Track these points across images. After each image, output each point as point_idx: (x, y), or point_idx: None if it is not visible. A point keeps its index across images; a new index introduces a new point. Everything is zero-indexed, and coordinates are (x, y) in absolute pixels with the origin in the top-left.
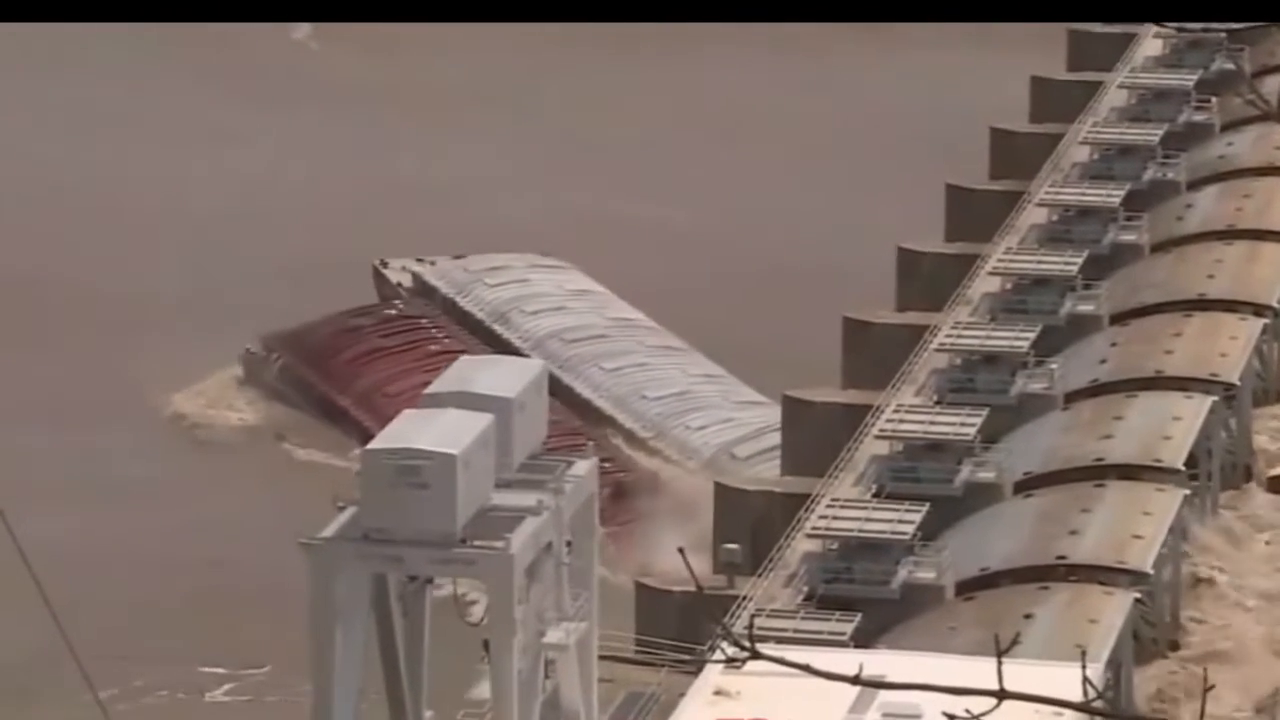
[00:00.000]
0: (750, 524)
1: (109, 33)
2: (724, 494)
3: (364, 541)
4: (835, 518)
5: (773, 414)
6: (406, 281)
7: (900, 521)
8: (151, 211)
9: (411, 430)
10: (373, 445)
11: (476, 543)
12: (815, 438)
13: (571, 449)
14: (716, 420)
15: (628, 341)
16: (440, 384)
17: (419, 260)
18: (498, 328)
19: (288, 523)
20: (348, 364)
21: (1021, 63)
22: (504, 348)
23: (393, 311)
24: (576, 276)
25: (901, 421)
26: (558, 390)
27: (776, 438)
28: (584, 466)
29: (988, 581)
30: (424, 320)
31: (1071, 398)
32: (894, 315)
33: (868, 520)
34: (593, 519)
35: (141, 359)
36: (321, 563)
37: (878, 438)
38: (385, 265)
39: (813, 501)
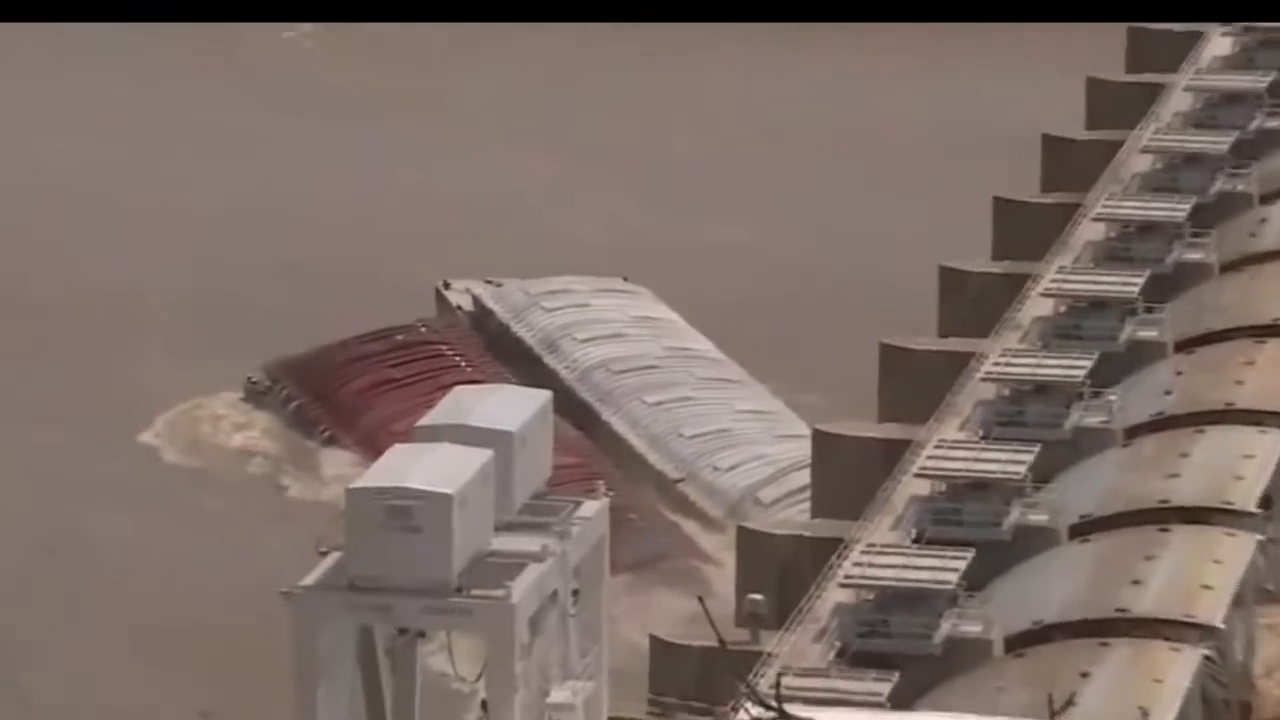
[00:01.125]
0: (777, 572)
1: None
2: (748, 539)
3: (349, 590)
4: (871, 565)
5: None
6: (467, 304)
7: (943, 569)
8: (224, 218)
9: (402, 467)
10: (358, 484)
11: (474, 591)
12: (848, 476)
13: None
14: (749, 458)
15: (678, 373)
16: (434, 416)
17: (487, 282)
18: (546, 356)
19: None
20: (355, 397)
21: (1074, 65)
22: (545, 378)
23: (404, 337)
24: (645, 301)
25: (944, 458)
26: (592, 425)
27: (806, 477)
28: (593, 507)
29: (1040, 636)
30: (444, 347)
31: (1132, 433)
32: (935, 341)
33: (907, 568)
34: (602, 566)
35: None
36: (303, 613)
37: (918, 476)
38: (448, 286)
39: (846, 547)
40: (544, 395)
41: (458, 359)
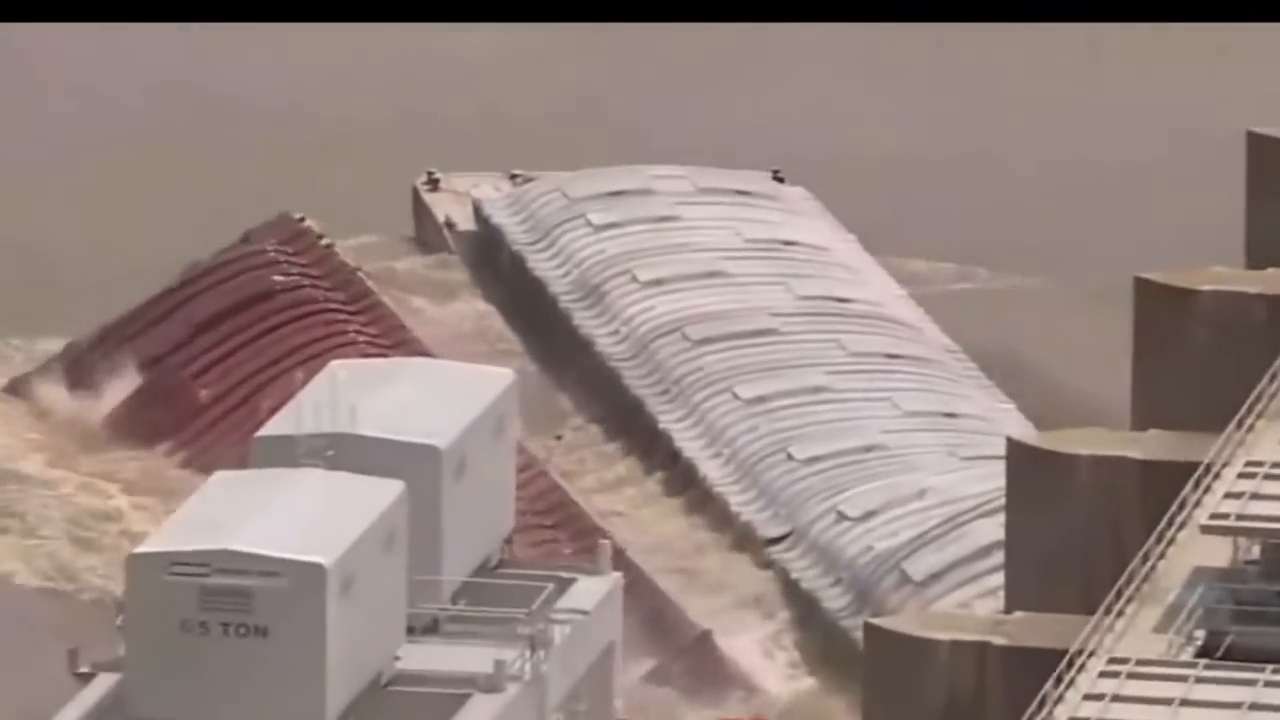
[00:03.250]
0: (939, 707)
1: None
2: (888, 648)
3: None
4: (1118, 697)
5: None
6: (465, 217)
7: (1253, 707)
8: None
9: (228, 515)
10: (147, 546)
11: None
12: (1075, 532)
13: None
14: (900, 499)
15: (813, 343)
16: (291, 417)
17: (512, 176)
18: (577, 311)
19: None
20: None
21: None
22: (573, 351)
23: (222, 297)
24: (791, 214)
25: (1255, 497)
26: (643, 438)
27: (996, 531)
28: (594, 590)
29: None
30: (324, 300)
31: None
32: (1240, 276)
33: (1185, 704)
34: (609, 698)
35: None
36: None
37: (1206, 532)
38: (435, 185)
39: (1071, 666)
40: (502, 378)
41: (350, 331)
